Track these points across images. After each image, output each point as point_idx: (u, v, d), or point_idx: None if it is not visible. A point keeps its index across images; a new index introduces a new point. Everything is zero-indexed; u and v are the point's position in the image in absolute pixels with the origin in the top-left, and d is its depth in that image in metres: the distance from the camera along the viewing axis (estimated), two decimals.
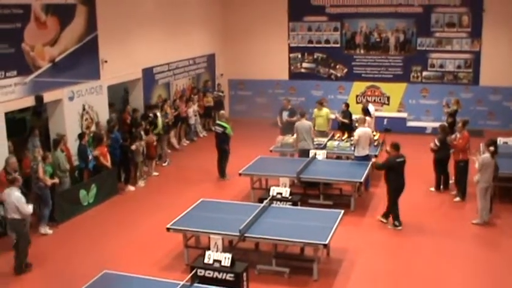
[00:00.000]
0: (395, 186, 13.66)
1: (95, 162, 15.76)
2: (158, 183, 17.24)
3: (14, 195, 11.42)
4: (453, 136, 15.56)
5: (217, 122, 17.35)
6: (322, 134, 18.18)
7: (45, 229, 13.62)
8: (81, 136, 15.65)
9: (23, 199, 11.47)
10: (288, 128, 18.03)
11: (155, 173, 17.78)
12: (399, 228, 13.49)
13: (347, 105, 19.85)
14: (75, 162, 15.63)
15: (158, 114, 18.53)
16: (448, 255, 12.19)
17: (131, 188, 16.63)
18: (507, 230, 13.52)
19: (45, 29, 15.16)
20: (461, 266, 11.73)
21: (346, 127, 18.83)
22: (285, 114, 19.14)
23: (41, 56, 15.05)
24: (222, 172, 17.20)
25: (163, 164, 18.51)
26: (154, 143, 17.62)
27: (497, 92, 23.02)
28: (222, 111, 18.35)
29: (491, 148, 13.63)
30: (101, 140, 15.88)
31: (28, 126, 17.44)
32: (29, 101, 14.81)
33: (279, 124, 19.42)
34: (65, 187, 14.63)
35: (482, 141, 16.01)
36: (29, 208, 11.54)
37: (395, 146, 13.76)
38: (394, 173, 13.63)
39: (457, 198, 15.23)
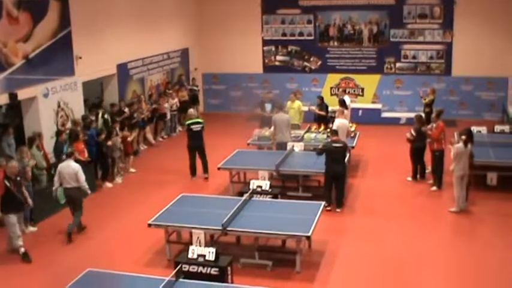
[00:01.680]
0: (327, 170, 14.00)
1: None
2: (136, 179, 17.14)
3: (73, 165, 13.14)
4: (429, 126, 15.73)
5: (193, 120, 16.80)
6: (294, 126, 18.05)
7: (29, 228, 13.49)
8: (58, 133, 15.48)
9: (80, 168, 13.21)
10: (268, 121, 17.92)
11: (132, 170, 17.68)
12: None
13: (321, 98, 19.95)
14: (52, 160, 15.46)
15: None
16: (429, 243, 12.33)
17: (109, 184, 16.52)
18: (483, 216, 13.75)
19: (18, 25, 14.94)
20: (441, 253, 11.88)
21: (323, 119, 18.94)
22: (268, 107, 19.01)
23: (14, 53, 14.83)
24: (205, 168, 16.88)
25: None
26: (130, 139, 17.50)
27: (469, 82, 23.34)
28: (190, 110, 18.01)
29: (463, 137, 13.82)
30: (77, 136, 15.73)
31: None
32: (3, 99, 14.61)
33: (265, 115, 18.96)
34: (42, 185, 14.48)
35: (456, 130, 16.24)
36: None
37: (334, 131, 14.33)
38: (329, 158, 13.97)
39: (434, 188, 15.40)
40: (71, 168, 13.10)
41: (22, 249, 11.96)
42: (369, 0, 23.77)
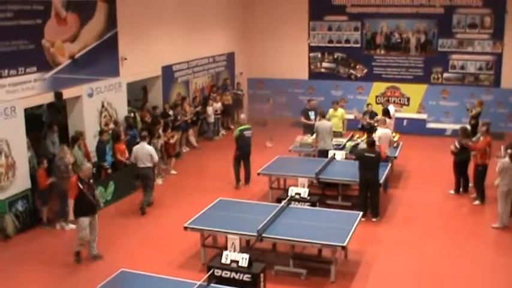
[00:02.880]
0: (360, 178, 14.04)
1: (113, 159, 15.78)
2: (176, 181, 17.22)
3: (147, 147, 14.79)
4: (475, 138, 15.42)
5: (245, 126, 16.62)
6: (336, 134, 17.94)
7: (69, 225, 13.63)
8: (101, 133, 15.66)
9: (154, 150, 14.89)
10: (311, 128, 17.76)
11: (173, 171, 17.76)
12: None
13: (371, 105, 19.92)
14: (94, 159, 15.65)
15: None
16: (468, 258, 12.05)
17: None
18: None
19: (66, 26, 15.20)
20: (481, 270, 11.58)
21: (368, 128, 18.67)
22: (312, 114, 18.83)
23: (61, 53, 15.09)
24: (248, 177, 16.70)
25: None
26: (172, 140, 17.60)
27: None
28: (242, 115, 18.05)
29: (509, 151, 13.46)
30: (118, 137, 15.90)
31: (46, 122, 17.42)
32: (49, 97, 14.88)
33: (308, 123, 18.64)
34: None
35: (503, 143, 15.84)
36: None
37: (370, 143, 14.28)
38: (361, 165, 14.00)
39: (477, 202, 15.06)
40: (145, 150, 14.73)
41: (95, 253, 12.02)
42: (417, 9, 23.46)
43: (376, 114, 19.06)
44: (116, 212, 14.86)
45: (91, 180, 12.01)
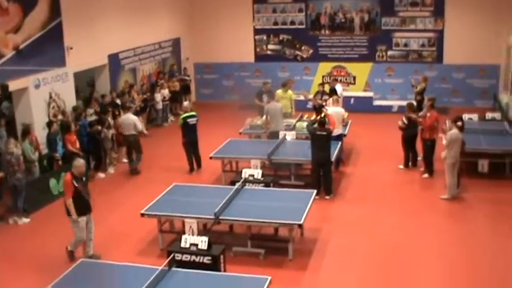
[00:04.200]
0: (312, 157, 14.20)
1: (64, 150, 15.61)
2: (128, 169, 17.11)
3: (131, 117, 16.69)
4: (421, 113, 15.79)
5: (189, 114, 16.55)
6: (286, 115, 18.08)
7: (22, 219, 13.51)
8: (49, 124, 15.45)
9: (138, 119, 16.92)
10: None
11: (125, 160, 17.65)
12: None
13: (323, 86, 20.27)
14: (44, 151, 15.45)
15: None
16: (419, 230, 12.42)
17: (101, 175, 16.52)
18: (474, 203, 13.83)
19: (8, 16, 14.91)
20: (433, 240, 11.95)
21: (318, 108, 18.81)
22: (265, 97, 18.88)
23: (5, 44, 14.82)
24: (199, 162, 16.73)
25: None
26: (121, 129, 17.48)
27: (460, 70, 23.37)
28: (185, 103, 18.10)
29: (459, 123, 13.88)
30: (68, 127, 15.73)
31: None
32: None
33: (263, 106, 18.34)
34: (34, 177, 14.48)
35: (448, 118, 16.30)
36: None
37: (321, 122, 14.22)
38: (314, 145, 14.14)
39: (426, 175, 15.46)
40: (129, 120, 16.57)
41: (90, 253, 11.30)
42: None
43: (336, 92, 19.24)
44: None
45: (83, 178, 11.28)
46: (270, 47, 25.42)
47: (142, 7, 21.51)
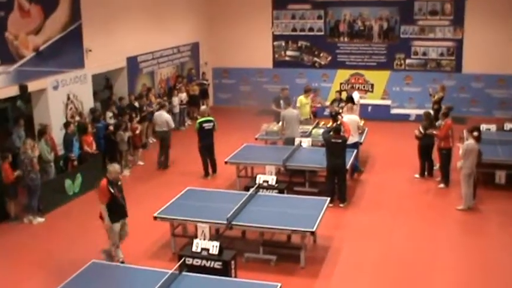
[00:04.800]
0: (327, 164, 14.19)
1: (80, 151, 15.72)
2: (143, 172, 17.23)
3: (164, 115, 17.61)
4: (437, 123, 15.70)
5: (205, 118, 16.57)
6: (306, 122, 18.16)
7: (36, 218, 13.63)
8: (67, 125, 15.56)
9: (170, 117, 17.84)
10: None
11: (140, 162, 17.76)
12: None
13: (340, 93, 20.35)
14: (60, 152, 15.57)
15: None
16: (433, 240, 12.32)
17: None
18: (490, 215, 13.69)
19: (29, 18, 15.07)
20: (447, 251, 11.85)
21: (334, 115, 18.78)
22: (283, 103, 18.82)
23: (25, 45, 14.96)
24: (214, 167, 16.73)
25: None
26: (138, 131, 17.59)
27: (479, 80, 23.22)
28: (203, 107, 18.18)
29: (475, 133, 13.78)
30: (85, 129, 15.84)
31: (10, 116, 17.27)
32: (13, 91, 14.72)
33: (280, 111, 17.98)
34: (50, 177, 14.59)
35: (465, 128, 16.14)
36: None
37: (337, 129, 14.30)
38: (328, 152, 14.16)
39: (441, 185, 15.36)
40: (163, 117, 17.48)
41: (121, 259, 11.09)
42: None
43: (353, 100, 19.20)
44: (84, 204, 14.80)
45: (119, 182, 11.14)
46: (289, 53, 25.43)
47: (161, 11, 21.62)
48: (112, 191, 10.80)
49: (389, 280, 10.72)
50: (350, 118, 15.91)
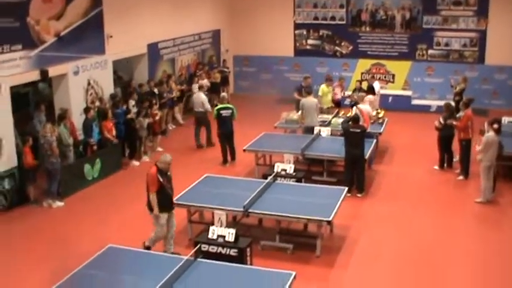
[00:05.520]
0: (346, 154, 14.17)
1: (99, 137, 15.81)
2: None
3: (202, 96, 18.14)
4: (458, 114, 15.57)
5: (224, 105, 16.62)
6: (328, 111, 18.13)
7: (56, 202, 13.75)
8: (87, 110, 15.65)
9: (206, 99, 18.30)
10: None
11: (160, 149, 17.79)
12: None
13: (361, 83, 20.45)
14: (80, 137, 15.67)
15: None
16: (451, 232, 12.26)
17: (136, 163, 16.70)
18: (509, 208, 13.58)
19: (50, 3, 15.13)
20: (464, 243, 11.79)
21: (352, 104, 18.73)
22: (304, 92, 18.76)
23: (46, 30, 15.03)
24: (233, 155, 16.74)
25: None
26: (157, 118, 17.62)
27: (502, 71, 22.93)
28: (223, 94, 18.20)
29: (495, 126, 13.64)
30: (105, 115, 15.92)
31: (32, 100, 17.41)
32: (34, 75, 14.83)
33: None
34: (69, 161, 14.70)
35: (487, 120, 15.98)
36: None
37: (355, 119, 14.41)
38: (347, 142, 14.12)
39: (461, 177, 15.25)
40: (199, 98, 18.13)
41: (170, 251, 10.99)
42: None
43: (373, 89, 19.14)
44: (103, 189, 14.92)
45: (169, 173, 10.91)
46: (310, 42, 25.32)
47: None
48: (161, 180, 10.65)
49: (406, 271, 10.68)
50: (361, 108, 15.79)
